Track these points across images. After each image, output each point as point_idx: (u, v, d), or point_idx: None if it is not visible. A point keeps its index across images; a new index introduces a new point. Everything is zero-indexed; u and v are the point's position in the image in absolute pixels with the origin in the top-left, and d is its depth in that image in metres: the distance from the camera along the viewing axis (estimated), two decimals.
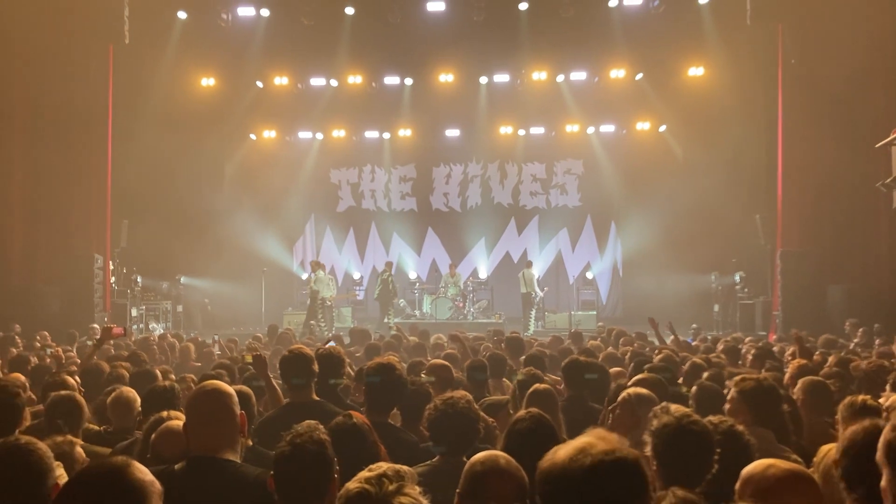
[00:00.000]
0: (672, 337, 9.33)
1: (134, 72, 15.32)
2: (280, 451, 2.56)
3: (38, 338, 10.25)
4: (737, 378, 3.81)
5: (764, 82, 15.48)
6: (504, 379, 5.95)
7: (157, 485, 1.87)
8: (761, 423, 3.49)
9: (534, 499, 2.30)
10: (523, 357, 6.63)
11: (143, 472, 1.86)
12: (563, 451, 1.61)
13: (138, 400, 4.43)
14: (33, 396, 5.13)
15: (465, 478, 2.45)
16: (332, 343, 7.60)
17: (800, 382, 4.35)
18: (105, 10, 14.33)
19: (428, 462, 3.28)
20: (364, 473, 2.10)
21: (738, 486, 2.34)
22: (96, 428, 4.50)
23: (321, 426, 2.71)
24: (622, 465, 1.56)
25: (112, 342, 8.46)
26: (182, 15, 15.67)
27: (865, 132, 12.93)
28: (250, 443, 3.57)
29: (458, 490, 2.41)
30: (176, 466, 2.70)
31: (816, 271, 14.15)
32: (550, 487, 1.60)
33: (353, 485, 2.07)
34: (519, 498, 2.37)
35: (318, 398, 4.18)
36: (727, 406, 3.71)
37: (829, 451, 2.98)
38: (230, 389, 2.92)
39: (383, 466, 2.12)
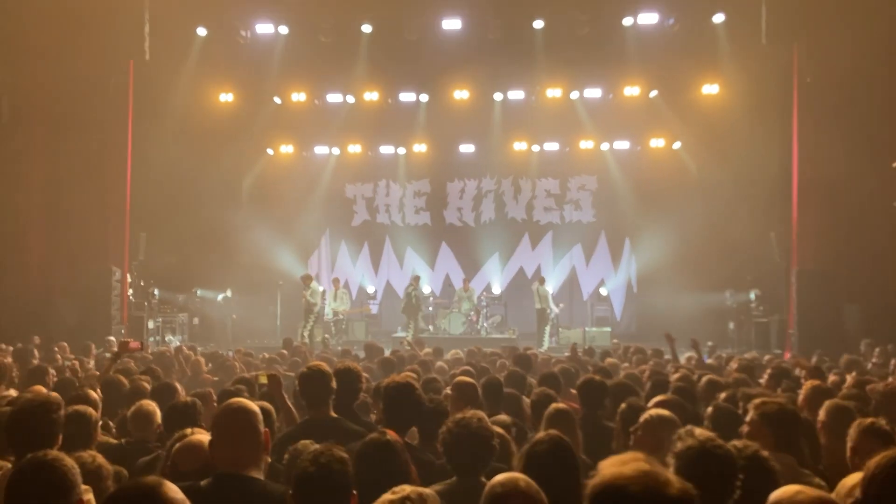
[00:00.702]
0: (688, 355, 9.26)
1: (154, 87, 15.51)
2: (304, 471, 2.51)
3: (57, 349, 10.30)
4: (756, 401, 3.68)
5: (779, 100, 15.42)
6: (524, 396, 5.88)
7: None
8: (783, 447, 3.41)
9: None
10: (534, 377, 6.57)
11: (175, 491, 1.90)
12: (634, 472, 1.59)
13: (158, 412, 4.46)
14: None
15: (485, 499, 2.46)
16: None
17: (824, 405, 4.25)
18: (126, 26, 14.58)
19: (446, 481, 3.28)
20: (387, 496, 2.12)
21: None
22: (114, 441, 4.53)
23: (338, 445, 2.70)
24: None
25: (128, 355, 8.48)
26: (202, 31, 15.90)
27: (881, 150, 12.89)
28: (269, 460, 3.59)
29: None
30: (202, 483, 2.73)
31: (832, 290, 14.05)
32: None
33: None
34: None
35: (335, 415, 4.18)
36: (746, 429, 3.59)
37: (851, 479, 2.94)
38: (255, 407, 2.95)
39: (406, 489, 2.14)
